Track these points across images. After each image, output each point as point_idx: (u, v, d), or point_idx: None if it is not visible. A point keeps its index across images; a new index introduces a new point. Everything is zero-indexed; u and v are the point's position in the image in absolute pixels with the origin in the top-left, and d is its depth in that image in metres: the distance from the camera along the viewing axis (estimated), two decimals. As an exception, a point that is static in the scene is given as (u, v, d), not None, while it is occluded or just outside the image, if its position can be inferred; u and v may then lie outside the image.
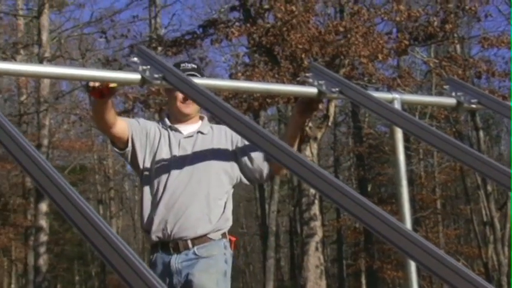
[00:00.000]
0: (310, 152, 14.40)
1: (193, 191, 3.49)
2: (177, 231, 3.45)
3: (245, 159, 3.57)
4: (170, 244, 3.47)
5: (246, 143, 3.55)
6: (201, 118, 3.73)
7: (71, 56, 23.92)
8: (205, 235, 3.48)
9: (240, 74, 13.84)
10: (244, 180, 3.63)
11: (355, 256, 27.89)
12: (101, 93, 3.14)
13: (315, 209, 14.79)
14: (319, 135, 14.78)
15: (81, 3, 23.80)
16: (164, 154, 3.54)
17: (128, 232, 33.43)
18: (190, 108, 3.58)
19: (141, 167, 3.56)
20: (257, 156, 3.56)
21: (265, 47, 14.09)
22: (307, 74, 2.81)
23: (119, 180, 32.23)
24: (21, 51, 21.12)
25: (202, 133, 3.62)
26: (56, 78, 2.61)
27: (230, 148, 3.60)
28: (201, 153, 3.55)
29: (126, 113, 14.67)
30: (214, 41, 14.90)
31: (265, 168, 3.56)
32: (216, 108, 2.36)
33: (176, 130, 3.60)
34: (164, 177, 3.51)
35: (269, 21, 14.39)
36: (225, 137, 3.62)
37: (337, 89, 2.69)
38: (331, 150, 29.22)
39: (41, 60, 19.10)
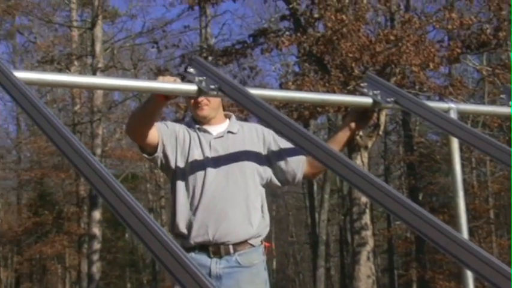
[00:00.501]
0: (361, 161, 14.33)
1: (232, 194, 3.39)
2: (219, 236, 3.35)
3: (279, 160, 3.48)
4: (210, 248, 3.37)
5: (280, 143, 3.49)
6: (228, 117, 3.62)
7: (123, 66, 24.25)
8: (246, 240, 3.39)
9: (290, 83, 13.85)
10: (275, 181, 3.52)
11: (406, 266, 27.59)
12: (167, 96, 3.10)
13: (366, 218, 14.70)
14: (369, 144, 14.70)
15: (134, 14, 24.17)
16: (196, 156, 3.44)
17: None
18: (205, 110, 3.48)
19: (173, 170, 3.46)
20: (292, 158, 3.47)
21: (315, 56, 14.09)
22: (362, 84, 2.81)
23: (170, 188, 32.48)
24: (75, 62, 21.50)
25: (232, 132, 3.52)
26: (117, 90, 2.62)
27: (262, 148, 3.51)
28: (234, 153, 3.45)
29: (177, 122, 14.78)
30: (265, 50, 14.93)
31: (299, 172, 3.49)
32: (271, 118, 2.38)
33: (205, 131, 3.50)
34: (200, 180, 3.40)
35: (319, 30, 14.39)
36: (256, 136, 3.52)
37: (392, 99, 2.69)
38: (382, 159, 29.01)
39: (94, 71, 19.43)
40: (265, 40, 14.98)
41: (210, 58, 16.54)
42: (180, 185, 3.45)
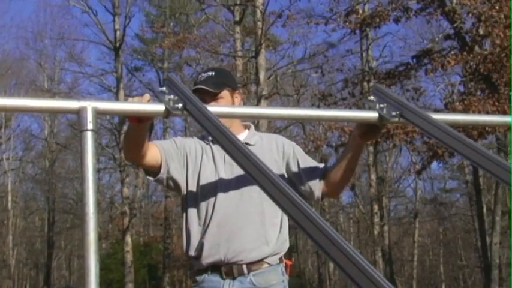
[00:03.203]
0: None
1: (246, 210, 3.12)
2: (231, 255, 3.09)
3: (296, 175, 3.20)
4: (223, 268, 3.10)
5: (299, 158, 3.25)
6: (247, 127, 3.38)
7: (286, 93, 24.64)
8: (261, 259, 3.12)
9: (457, 104, 13.55)
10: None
11: None
12: (140, 118, 2.83)
13: (544, 242, 14.03)
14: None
15: (295, 41, 24.55)
16: (209, 172, 3.17)
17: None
18: None
19: (184, 189, 3.20)
20: (309, 175, 3.20)
21: (482, 74, 13.71)
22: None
23: (334, 212, 32.54)
24: (240, 90, 22.10)
25: (249, 144, 3.23)
26: (298, 120, 2.71)
27: (281, 161, 3.22)
28: None
29: (342, 146, 14.86)
30: (429, 71, 14.72)
31: (316, 189, 3.18)
32: (457, 143, 2.37)
33: None
34: (212, 197, 3.14)
35: (486, 48, 14.00)
36: (276, 149, 3.25)
37: None
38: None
39: (259, 98, 19.89)
40: (429, 61, 14.76)
41: (372, 81, 16.51)
42: (192, 203, 3.21)
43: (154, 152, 3.10)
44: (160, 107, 2.43)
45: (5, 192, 33.64)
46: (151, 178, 3.19)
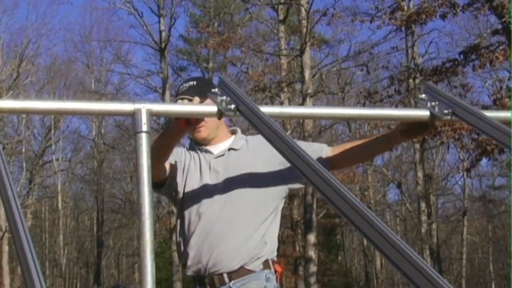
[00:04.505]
0: None
1: (230, 218, 3.08)
2: (212, 264, 3.06)
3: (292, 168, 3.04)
4: (206, 279, 3.09)
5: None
6: (234, 132, 3.32)
7: (331, 91, 24.55)
8: (242, 267, 3.05)
9: (506, 100, 13.35)
10: (297, 186, 3.23)
11: None
12: (188, 121, 2.82)
13: None
14: None
15: (340, 39, 24.46)
16: (195, 180, 3.16)
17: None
18: (203, 132, 3.20)
19: (178, 197, 3.20)
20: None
21: (533, 69, 13.50)
22: None
23: (381, 210, 32.33)
24: (285, 89, 22.10)
25: (234, 149, 3.21)
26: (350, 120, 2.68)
27: (274, 157, 2.85)
28: (235, 172, 3.13)
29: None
30: (477, 67, 14.51)
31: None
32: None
33: (206, 151, 3.22)
34: (196, 205, 3.13)
35: (537, 42, 13.76)
36: (264, 147, 2.97)
37: None
38: None
39: (304, 97, 19.86)
40: (477, 56, 14.54)
41: (418, 78, 16.35)
42: (180, 213, 3.20)
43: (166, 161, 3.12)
44: (213, 108, 2.44)
45: (55, 192, 34.22)
46: (155, 190, 3.12)
